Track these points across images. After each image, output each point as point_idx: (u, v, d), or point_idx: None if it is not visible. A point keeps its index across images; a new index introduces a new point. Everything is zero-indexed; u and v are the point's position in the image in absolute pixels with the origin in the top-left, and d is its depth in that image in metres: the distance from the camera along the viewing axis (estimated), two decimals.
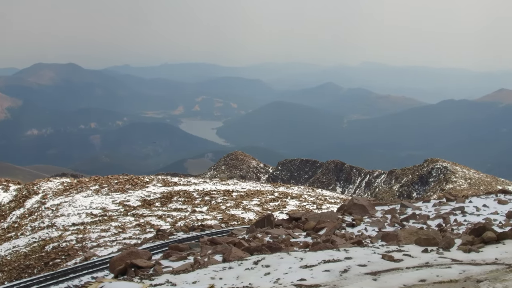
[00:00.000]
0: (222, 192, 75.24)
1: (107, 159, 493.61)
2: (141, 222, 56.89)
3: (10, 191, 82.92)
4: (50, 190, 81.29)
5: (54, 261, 45.16)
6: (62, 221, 60.07)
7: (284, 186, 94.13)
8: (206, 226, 43.03)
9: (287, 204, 66.53)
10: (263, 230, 28.14)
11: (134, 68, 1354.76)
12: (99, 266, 32.16)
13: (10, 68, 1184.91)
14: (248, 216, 58.70)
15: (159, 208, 64.99)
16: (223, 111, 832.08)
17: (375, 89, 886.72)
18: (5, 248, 53.05)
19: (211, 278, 15.58)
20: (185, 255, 23.05)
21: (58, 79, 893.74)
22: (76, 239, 50.53)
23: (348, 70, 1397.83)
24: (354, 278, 13.65)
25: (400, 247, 17.87)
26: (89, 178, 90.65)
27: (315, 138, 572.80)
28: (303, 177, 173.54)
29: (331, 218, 28.51)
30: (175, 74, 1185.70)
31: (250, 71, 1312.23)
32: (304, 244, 22.37)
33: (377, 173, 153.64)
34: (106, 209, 64.92)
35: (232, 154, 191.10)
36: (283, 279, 14.33)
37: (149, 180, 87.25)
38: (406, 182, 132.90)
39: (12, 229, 64.60)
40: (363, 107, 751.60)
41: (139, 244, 39.79)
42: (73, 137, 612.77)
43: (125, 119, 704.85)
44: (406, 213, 30.37)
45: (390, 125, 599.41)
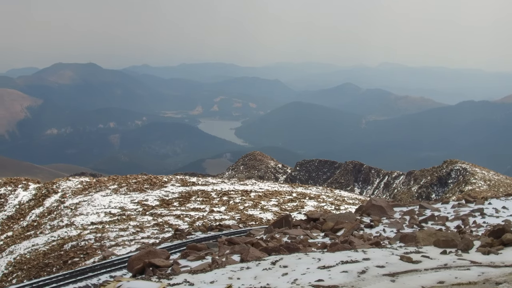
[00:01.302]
0: (240, 192, 75.23)
1: (126, 159, 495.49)
2: (159, 222, 57.01)
3: (29, 190, 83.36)
4: (69, 189, 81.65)
5: (72, 259, 45.36)
6: (81, 220, 60.32)
7: (302, 187, 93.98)
8: (224, 226, 43.03)
9: (305, 205, 66.41)
10: (281, 230, 28.12)
11: (153, 68, 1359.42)
12: (117, 265, 32.25)
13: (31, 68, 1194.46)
14: (266, 217, 58.65)
15: (177, 207, 65.09)
16: (242, 111, 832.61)
17: (394, 89, 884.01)
18: (25, 247, 53.34)
19: (228, 278, 15.59)
20: (203, 255, 23.08)
21: (78, 79, 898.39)
22: (94, 238, 50.72)
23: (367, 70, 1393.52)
24: (372, 279, 13.61)
25: (418, 249, 17.79)
26: (108, 178, 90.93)
27: (334, 138, 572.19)
28: (321, 178, 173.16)
29: (349, 219, 28.44)
30: (194, 74, 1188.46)
31: (268, 71, 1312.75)
32: (322, 245, 22.34)
33: (396, 174, 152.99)
34: (124, 209, 65.12)
35: (251, 154, 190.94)
36: (300, 280, 14.31)
37: (167, 179, 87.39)
38: (425, 183, 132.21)
39: (32, 228, 64.96)
40: (381, 107, 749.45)
41: (157, 243, 39.86)
42: (92, 137, 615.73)
43: (144, 119, 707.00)
44: (425, 215, 30.21)
45: (408, 126, 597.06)
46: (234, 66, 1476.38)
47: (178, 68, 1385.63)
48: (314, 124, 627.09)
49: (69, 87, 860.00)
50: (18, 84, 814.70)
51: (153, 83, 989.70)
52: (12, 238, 62.52)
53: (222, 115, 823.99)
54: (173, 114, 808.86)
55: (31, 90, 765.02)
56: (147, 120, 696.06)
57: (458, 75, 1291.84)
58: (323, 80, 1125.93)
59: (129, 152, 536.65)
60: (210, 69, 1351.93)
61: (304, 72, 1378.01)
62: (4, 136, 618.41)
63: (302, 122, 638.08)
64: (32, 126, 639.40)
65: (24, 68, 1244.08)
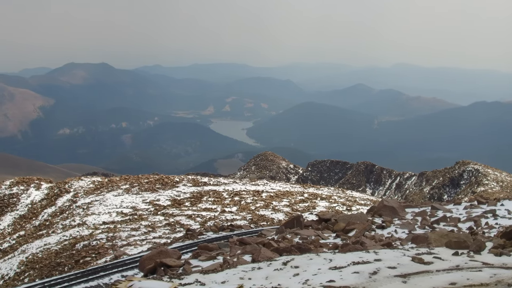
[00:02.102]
0: (251, 193, 75.26)
1: (138, 159, 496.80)
2: (171, 222, 57.08)
3: (42, 190, 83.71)
4: (81, 188, 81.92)
5: (84, 259, 45.49)
6: (92, 220, 60.48)
7: (314, 187, 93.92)
8: (235, 226, 43.05)
9: (317, 205, 66.36)
10: (292, 231, 28.11)
11: (165, 68, 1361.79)
12: (129, 265, 32.32)
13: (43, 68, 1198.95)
14: (278, 217, 58.63)
15: (189, 207, 65.17)
16: (254, 111, 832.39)
17: (406, 90, 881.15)
18: (37, 246, 53.51)
19: (240, 278, 15.60)
20: (214, 255, 23.10)
21: (90, 79, 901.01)
22: (106, 238, 50.84)
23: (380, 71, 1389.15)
24: (383, 280, 13.60)
25: (430, 250, 17.76)
26: (119, 177, 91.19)
27: (346, 139, 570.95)
28: (333, 178, 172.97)
29: (361, 220, 28.41)
30: (206, 74, 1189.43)
31: (281, 71, 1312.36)
32: (334, 246, 22.33)
33: (408, 175, 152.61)
34: (136, 208, 65.26)
35: (262, 155, 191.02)
36: (312, 280, 14.31)
37: (179, 179, 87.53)
38: (437, 184, 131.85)
39: (44, 227, 65.21)
40: (394, 108, 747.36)
41: (169, 243, 39.92)
42: (105, 136, 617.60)
43: (156, 119, 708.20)
44: (437, 216, 30.13)
45: (421, 126, 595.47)
46: (246, 66, 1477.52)
47: (190, 68, 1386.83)
48: (326, 125, 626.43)
49: (81, 87, 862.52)
50: (30, 84, 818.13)
51: (165, 83, 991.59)
52: (25, 237, 62.79)
53: (234, 115, 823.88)
54: (185, 114, 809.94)
55: (43, 90, 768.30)
56: (159, 120, 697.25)
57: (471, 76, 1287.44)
58: (335, 81, 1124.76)
59: (141, 152, 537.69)
60: (222, 69, 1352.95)
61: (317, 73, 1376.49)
62: (17, 136, 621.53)
63: (314, 123, 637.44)
64: (44, 125, 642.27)
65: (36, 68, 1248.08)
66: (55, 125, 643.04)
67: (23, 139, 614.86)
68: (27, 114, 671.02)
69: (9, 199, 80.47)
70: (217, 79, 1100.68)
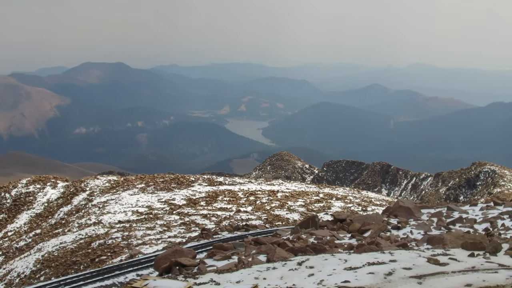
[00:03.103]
0: (267, 192, 75.25)
1: (154, 158, 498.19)
2: (186, 221, 57.16)
3: (58, 188, 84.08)
4: (97, 187, 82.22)
5: (100, 257, 45.63)
6: (108, 219, 60.66)
7: (329, 187, 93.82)
8: (250, 226, 43.03)
9: (332, 206, 66.26)
10: (307, 231, 28.07)
11: (181, 67, 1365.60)
12: (144, 264, 32.41)
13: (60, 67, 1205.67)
14: (293, 217, 58.58)
15: (204, 207, 65.24)
16: (269, 111, 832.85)
17: (423, 90, 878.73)
18: (52, 244, 53.72)
19: (255, 278, 15.60)
20: (229, 255, 23.10)
21: (106, 78, 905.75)
22: (122, 237, 50.97)
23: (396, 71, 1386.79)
24: (398, 281, 13.55)
25: (446, 251, 17.68)
26: (135, 176, 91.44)
27: (361, 139, 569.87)
28: (349, 179, 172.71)
29: (376, 220, 28.32)
30: (221, 74, 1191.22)
31: (296, 71, 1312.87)
32: (349, 246, 22.27)
33: (424, 175, 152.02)
34: (151, 207, 65.40)
35: (278, 155, 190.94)
36: (327, 281, 14.28)
37: (194, 179, 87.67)
38: (453, 185, 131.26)
39: (60, 226, 65.48)
40: (410, 108, 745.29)
41: (184, 242, 39.97)
42: (120, 136, 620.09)
43: (171, 118, 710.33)
44: (453, 217, 29.97)
45: (437, 127, 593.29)
46: (262, 66, 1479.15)
47: (207, 67, 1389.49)
48: (342, 125, 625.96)
49: (98, 86, 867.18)
50: (47, 83, 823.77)
51: (181, 83, 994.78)
52: (41, 236, 63.05)
53: (250, 115, 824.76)
54: (200, 113, 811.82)
55: (60, 89, 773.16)
56: (175, 120, 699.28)
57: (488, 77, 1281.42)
58: (351, 81, 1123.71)
59: (157, 151, 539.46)
60: (238, 69, 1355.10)
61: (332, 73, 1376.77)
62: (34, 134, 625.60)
63: (329, 123, 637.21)
64: (61, 124, 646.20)
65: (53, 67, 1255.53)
66: (72, 124, 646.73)
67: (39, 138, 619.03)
68: (43, 113, 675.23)
69: (25, 198, 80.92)
70: (233, 78, 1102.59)
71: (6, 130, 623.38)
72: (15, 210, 78.05)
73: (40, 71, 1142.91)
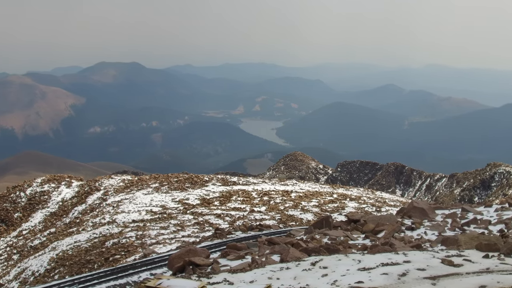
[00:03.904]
0: (281, 193, 75.23)
1: (168, 157, 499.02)
2: (200, 221, 57.23)
3: (72, 187, 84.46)
4: (111, 187, 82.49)
5: (114, 257, 45.76)
6: (122, 218, 60.83)
7: (343, 188, 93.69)
8: (264, 226, 43.05)
9: (346, 206, 66.17)
10: (321, 231, 28.06)
11: (195, 67, 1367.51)
12: (158, 263, 32.48)
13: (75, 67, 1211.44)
14: (307, 217, 58.52)
15: (218, 207, 65.29)
16: (283, 111, 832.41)
17: (437, 91, 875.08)
18: (67, 243, 53.95)
19: (268, 278, 15.61)
20: (243, 255, 23.13)
21: (121, 78, 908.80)
22: (136, 236, 51.11)
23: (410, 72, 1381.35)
24: (412, 282, 13.52)
25: (460, 252, 17.62)
26: (149, 176, 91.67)
27: (375, 139, 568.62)
28: (363, 179, 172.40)
29: (390, 221, 28.27)
30: (236, 74, 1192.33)
31: (311, 71, 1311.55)
32: (363, 247, 22.24)
33: (438, 176, 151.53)
34: (165, 207, 65.52)
35: (292, 155, 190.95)
36: (340, 281, 14.27)
37: (208, 179, 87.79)
38: (468, 186, 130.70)
39: (74, 225, 65.73)
40: (424, 109, 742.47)
41: (198, 242, 40.02)
42: (135, 135, 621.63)
43: (186, 118, 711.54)
44: (467, 218, 29.84)
45: (451, 127, 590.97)
46: (276, 66, 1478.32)
47: (221, 67, 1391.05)
48: (356, 125, 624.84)
49: (112, 86, 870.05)
50: (62, 82, 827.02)
51: (195, 83, 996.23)
52: (55, 235, 63.34)
53: (264, 115, 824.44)
54: (215, 113, 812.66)
55: (75, 89, 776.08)
56: (189, 119, 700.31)
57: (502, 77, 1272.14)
58: (365, 81, 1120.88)
59: (171, 151, 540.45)
60: (252, 69, 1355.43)
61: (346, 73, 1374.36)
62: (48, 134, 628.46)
63: (343, 123, 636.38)
64: (75, 124, 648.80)
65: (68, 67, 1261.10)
66: (86, 124, 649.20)
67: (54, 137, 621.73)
68: (58, 112, 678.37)
69: (40, 197, 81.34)
70: (247, 78, 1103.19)
71: (21, 129, 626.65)
72: (30, 209, 78.48)
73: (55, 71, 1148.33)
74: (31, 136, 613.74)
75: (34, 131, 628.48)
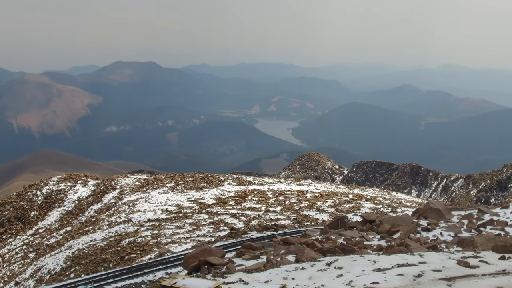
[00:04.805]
0: (296, 193, 75.16)
1: (184, 157, 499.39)
2: (215, 220, 57.29)
3: (88, 186, 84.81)
4: (127, 186, 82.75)
5: (129, 255, 45.90)
6: (138, 217, 61.00)
7: (358, 188, 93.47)
8: (279, 226, 43.00)
9: (362, 206, 65.99)
10: (336, 231, 28.03)
11: (211, 67, 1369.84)
12: (173, 262, 32.55)
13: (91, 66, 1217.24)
14: (322, 217, 58.44)
15: (233, 206, 65.32)
16: (299, 111, 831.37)
17: (454, 91, 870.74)
18: (83, 242, 54.19)
19: (283, 278, 15.61)
20: (258, 254, 23.13)
21: (137, 77, 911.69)
22: (151, 235, 51.25)
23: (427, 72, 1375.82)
24: (428, 283, 13.47)
25: (476, 253, 17.54)
26: (165, 175, 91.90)
27: (391, 140, 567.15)
28: (378, 180, 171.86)
29: (406, 222, 28.19)
30: (252, 73, 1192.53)
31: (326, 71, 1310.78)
32: (378, 247, 22.18)
33: (454, 177, 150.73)
34: (181, 206, 65.63)
35: (307, 155, 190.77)
36: (355, 282, 14.25)
37: (224, 178, 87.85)
38: (484, 187, 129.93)
39: (90, 223, 65.99)
40: (441, 109, 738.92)
41: (213, 241, 40.08)
42: (151, 134, 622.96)
43: (201, 118, 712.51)
44: (484, 219, 29.70)
45: (468, 128, 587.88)
46: (292, 66, 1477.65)
47: (237, 67, 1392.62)
48: (372, 125, 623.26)
49: (129, 85, 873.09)
50: (79, 81, 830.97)
51: (211, 82, 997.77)
52: (71, 233, 63.64)
53: (280, 115, 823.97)
54: (230, 113, 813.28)
55: (91, 88, 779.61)
56: (205, 119, 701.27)
57: None
58: (381, 81, 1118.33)
59: (187, 150, 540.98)
60: (268, 69, 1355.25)
61: (362, 73, 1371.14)
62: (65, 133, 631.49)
63: (359, 123, 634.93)
64: (92, 123, 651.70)
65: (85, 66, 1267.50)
66: (102, 123, 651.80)
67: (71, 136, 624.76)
68: (75, 111, 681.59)
69: (56, 195, 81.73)
70: (263, 78, 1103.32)
71: (38, 128, 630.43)
72: (46, 208, 78.88)
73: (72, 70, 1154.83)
74: (47, 135, 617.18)
75: (50, 130, 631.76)
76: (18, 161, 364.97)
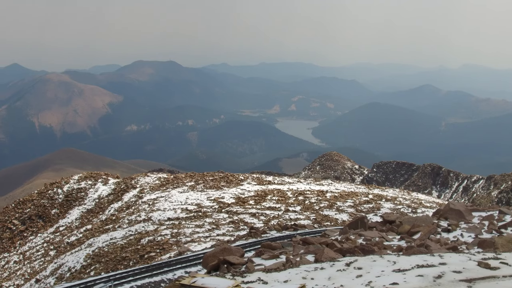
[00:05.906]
0: (316, 192, 75.01)
1: (203, 156, 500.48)
2: (234, 219, 57.31)
3: (109, 185, 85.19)
4: (147, 184, 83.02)
5: (149, 254, 46.06)
6: (158, 216, 61.17)
7: (378, 189, 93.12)
8: (299, 225, 42.95)
9: (381, 207, 65.77)
10: (356, 231, 27.96)
11: (231, 66, 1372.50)
12: (193, 261, 32.57)
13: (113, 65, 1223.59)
14: (342, 217, 58.32)
15: (252, 206, 65.32)
16: (319, 111, 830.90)
17: (475, 92, 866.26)
18: (103, 240, 54.44)
19: (302, 278, 15.60)
20: (277, 254, 23.11)
21: (157, 76, 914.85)
22: (171, 234, 51.35)
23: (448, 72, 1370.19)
24: (448, 285, 13.41)
25: (497, 255, 17.42)
26: (185, 174, 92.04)
27: (412, 140, 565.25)
28: (399, 180, 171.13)
29: (426, 223, 28.05)
30: (272, 73, 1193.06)
31: (346, 71, 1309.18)
32: (398, 248, 22.10)
33: (475, 178, 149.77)
34: (201, 205, 65.73)
35: (327, 155, 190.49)
36: (375, 282, 14.21)
37: (243, 178, 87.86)
38: (506, 189, 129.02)
39: (110, 222, 66.27)
40: (462, 110, 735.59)
41: (232, 241, 40.10)
42: (171, 134, 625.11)
43: (222, 117, 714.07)
44: (505, 220, 29.50)
45: (489, 129, 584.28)
46: (312, 66, 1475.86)
47: (257, 67, 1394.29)
48: (392, 126, 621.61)
49: (149, 84, 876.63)
50: (100, 80, 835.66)
51: (231, 82, 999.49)
52: (91, 231, 63.95)
53: (300, 114, 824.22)
54: (250, 112, 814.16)
55: (112, 87, 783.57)
56: (225, 118, 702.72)
57: None
58: (401, 82, 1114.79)
59: (207, 150, 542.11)
60: (288, 68, 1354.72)
61: (382, 73, 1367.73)
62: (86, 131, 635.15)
63: (379, 123, 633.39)
64: (112, 122, 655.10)
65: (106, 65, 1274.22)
66: (123, 122, 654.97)
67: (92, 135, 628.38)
68: (96, 110, 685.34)
69: (77, 194, 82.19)
70: (283, 78, 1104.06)
71: (59, 127, 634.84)
72: (67, 206, 79.36)
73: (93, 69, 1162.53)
74: (69, 133, 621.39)
75: (72, 128, 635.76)
76: (39, 159, 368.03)
